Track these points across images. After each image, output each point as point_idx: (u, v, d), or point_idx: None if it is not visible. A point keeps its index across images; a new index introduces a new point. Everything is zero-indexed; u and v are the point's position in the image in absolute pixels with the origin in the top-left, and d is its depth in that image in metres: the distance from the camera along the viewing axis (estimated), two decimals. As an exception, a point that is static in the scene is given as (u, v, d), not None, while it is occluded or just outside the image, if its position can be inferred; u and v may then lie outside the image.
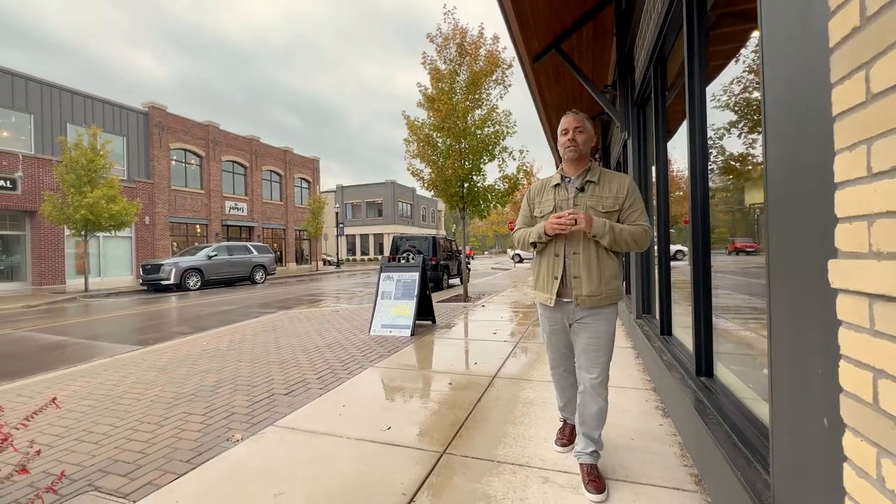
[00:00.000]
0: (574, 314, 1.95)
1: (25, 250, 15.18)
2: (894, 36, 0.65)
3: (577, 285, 1.90)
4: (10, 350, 5.67)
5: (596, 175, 1.97)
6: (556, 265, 1.96)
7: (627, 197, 1.92)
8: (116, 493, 1.99)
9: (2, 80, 14.56)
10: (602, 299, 1.90)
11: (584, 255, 1.90)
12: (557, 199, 2.00)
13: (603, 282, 1.89)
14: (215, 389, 3.45)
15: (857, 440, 0.78)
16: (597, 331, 1.93)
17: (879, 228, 0.70)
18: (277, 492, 1.94)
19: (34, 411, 1.68)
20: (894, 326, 0.67)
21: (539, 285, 2.06)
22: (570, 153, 1.97)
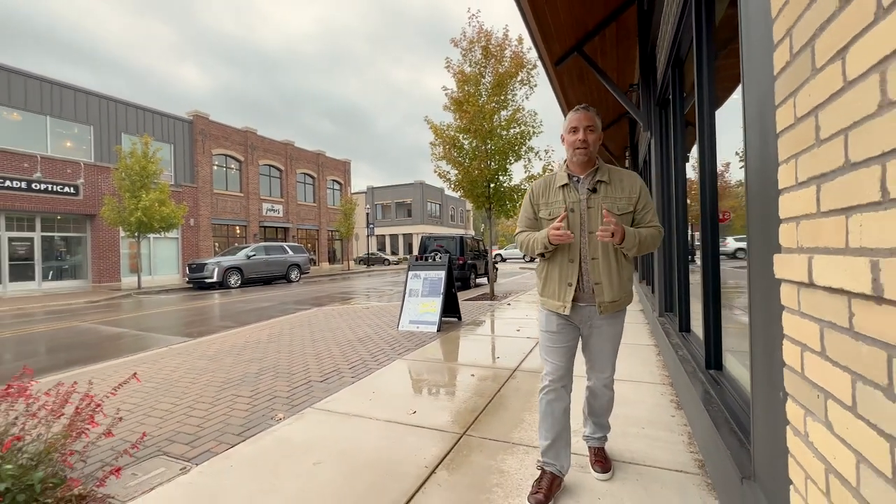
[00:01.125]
0: (589, 319, 1.87)
1: (86, 250, 16.53)
2: (807, 72, 0.81)
3: (598, 292, 1.81)
4: (80, 340, 6.32)
5: (606, 174, 1.85)
6: (571, 271, 1.83)
7: (641, 197, 1.84)
8: (181, 457, 2.32)
9: (66, 95, 15.94)
10: (621, 304, 1.86)
11: (605, 260, 1.80)
12: (568, 201, 1.84)
13: (622, 286, 1.83)
14: (259, 376, 3.80)
15: (793, 405, 0.94)
16: (613, 334, 1.91)
17: (802, 228, 0.85)
18: (316, 461, 2.21)
19: (119, 383, 2.02)
20: (811, 307, 0.83)
21: (548, 292, 1.91)
22: (579, 155, 1.80)
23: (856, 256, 0.65)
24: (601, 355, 1.95)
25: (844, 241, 0.69)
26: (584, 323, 1.90)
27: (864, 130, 0.63)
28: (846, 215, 0.68)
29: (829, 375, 0.77)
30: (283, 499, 1.89)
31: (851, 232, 0.67)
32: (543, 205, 1.93)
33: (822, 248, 0.76)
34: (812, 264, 0.78)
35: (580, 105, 1.87)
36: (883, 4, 0.57)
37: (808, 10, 0.79)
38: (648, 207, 1.85)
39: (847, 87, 0.67)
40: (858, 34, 0.63)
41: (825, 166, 0.75)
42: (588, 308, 1.86)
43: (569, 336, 1.92)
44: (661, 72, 4.09)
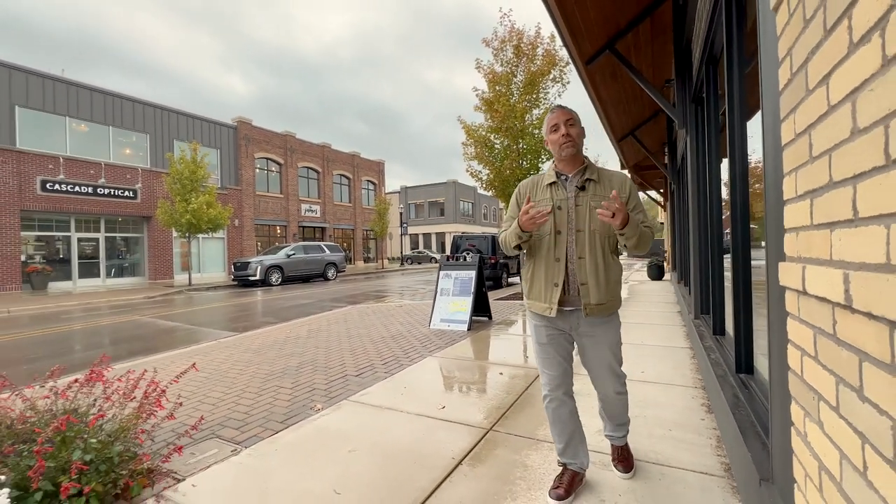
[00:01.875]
0: (578, 324, 1.81)
1: (143, 249, 17.84)
2: (803, 92, 0.86)
3: (584, 293, 1.75)
4: (141, 333, 6.91)
5: (595, 173, 1.82)
6: (557, 271, 1.78)
7: (631, 197, 1.80)
8: (232, 440, 2.56)
9: (126, 107, 17.25)
10: (609, 307, 1.79)
11: (591, 259, 1.75)
12: (556, 199, 1.81)
13: (609, 288, 1.77)
14: (299, 369, 4.05)
15: (795, 407, 0.98)
16: (609, 341, 1.84)
17: (800, 238, 0.90)
18: (351, 448, 2.38)
19: (180, 372, 2.26)
20: (807, 314, 0.88)
21: (534, 293, 1.87)
22: (567, 149, 1.78)
23: (835, 269, 0.70)
24: (600, 367, 1.87)
25: (829, 253, 0.74)
26: (574, 330, 1.83)
27: (842, 153, 0.69)
28: (830, 229, 0.73)
29: (820, 378, 0.81)
30: (322, 481, 2.06)
31: (833, 245, 0.72)
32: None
33: (814, 258, 0.81)
34: (805, 273, 0.83)
35: (555, 105, 1.92)
36: (853, 40, 0.63)
37: (803, 34, 0.83)
38: (639, 208, 1.80)
39: (830, 111, 0.72)
40: (837, 63, 0.69)
41: (816, 182, 0.80)
42: (576, 313, 1.79)
43: (560, 347, 1.87)
44: (696, 68, 3.99)
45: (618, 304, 1.85)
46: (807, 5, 0.80)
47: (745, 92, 2.34)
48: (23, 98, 14.41)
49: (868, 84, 0.59)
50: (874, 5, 0.56)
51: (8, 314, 9.59)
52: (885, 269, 0.55)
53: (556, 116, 1.83)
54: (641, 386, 3.31)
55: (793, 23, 0.90)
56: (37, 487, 1.63)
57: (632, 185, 1.83)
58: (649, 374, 3.61)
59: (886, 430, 0.57)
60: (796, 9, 0.86)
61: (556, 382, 1.88)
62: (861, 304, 0.61)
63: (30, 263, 14.58)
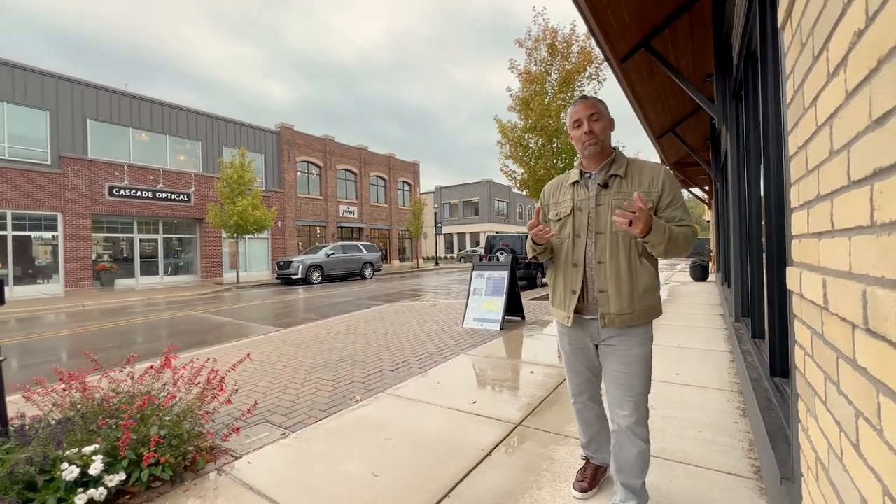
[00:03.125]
0: (599, 334, 1.64)
1: (196, 249, 19.10)
2: (801, 110, 0.92)
3: (602, 301, 1.58)
4: (196, 327, 7.49)
5: (622, 167, 1.62)
6: (575, 277, 1.64)
7: (665, 191, 1.56)
8: (280, 425, 2.80)
9: (181, 116, 18.54)
10: (634, 318, 1.57)
11: (613, 264, 1.57)
12: (576, 200, 1.66)
13: (636, 297, 1.56)
14: (339, 363, 4.31)
15: (801, 404, 1.04)
16: (627, 356, 1.59)
17: (801, 245, 0.96)
18: (388, 437, 2.56)
19: (237, 361, 2.53)
20: (806, 316, 0.94)
21: (556, 300, 1.75)
22: (590, 148, 1.61)
23: (819, 274, 0.77)
24: (617, 384, 1.63)
25: (818, 260, 0.81)
26: (597, 340, 1.68)
27: (824, 170, 0.76)
28: (819, 238, 0.80)
29: (816, 376, 0.88)
30: (360, 464, 2.25)
31: (821, 252, 0.79)
32: (553, 205, 1.77)
33: (808, 264, 0.88)
34: (802, 278, 0.90)
35: (578, 97, 1.73)
36: (829, 70, 0.70)
37: (801, 55, 0.90)
38: (676, 202, 1.56)
39: (818, 130, 0.79)
40: (821, 88, 0.76)
41: (810, 194, 0.86)
42: (595, 322, 1.63)
43: (583, 356, 1.76)
44: (735, 64, 3.89)
45: (652, 313, 1.61)
46: (803, 30, 0.87)
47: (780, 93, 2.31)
48: (93, 111, 15.83)
49: (839, 112, 0.67)
50: (841, 42, 0.64)
51: (83, 308, 10.62)
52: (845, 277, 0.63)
53: (579, 110, 1.63)
54: (676, 388, 3.29)
55: (794, 43, 0.96)
56: (123, 456, 1.90)
57: (667, 177, 1.58)
58: (685, 377, 3.57)
59: (851, 419, 0.65)
60: (796, 32, 0.93)
61: (580, 389, 1.84)
62: (834, 308, 0.69)
63: (99, 262, 16.01)
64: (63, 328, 7.78)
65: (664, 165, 1.57)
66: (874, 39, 0.53)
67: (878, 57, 0.51)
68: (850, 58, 0.61)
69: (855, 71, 0.59)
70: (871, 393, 0.57)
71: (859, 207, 0.59)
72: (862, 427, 0.60)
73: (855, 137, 0.60)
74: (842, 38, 0.64)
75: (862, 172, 0.58)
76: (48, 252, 14.70)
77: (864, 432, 0.60)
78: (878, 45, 0.51)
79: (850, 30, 0.60)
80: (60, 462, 1.80)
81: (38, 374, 4.49)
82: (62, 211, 14.57)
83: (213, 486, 2.09)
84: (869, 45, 0.54)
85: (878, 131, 0.52)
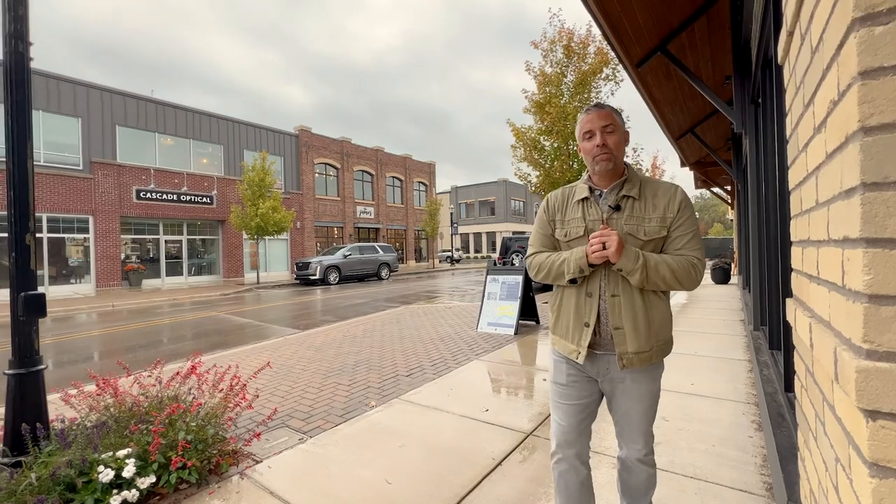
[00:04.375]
0: (609, 373, 1.49)
1: (219, 250, 19.64)
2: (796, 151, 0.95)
3: (619, 339, 1.42)
4: (219, 328, 7.74)
5: (636, 187, 1.47)
6: (590, 308, 1.46)
7: (678, 217, 1.43)
8: (299, 430, 2.91)
9: (203, 121, 19.08)
10: (652, 355, 1.44)
11: (627, 297, 1.42)
12: (588, 220, 1.49)
13: (653, 332, 1.43)
14: (355, 367, 4.41)
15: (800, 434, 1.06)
16: (638, 393, 1.48)
17: (796, 280, 0.98)
18: (401, 444, 2.63)
19: (258, 369, 2.64)
20: (799, 346, 0.96)
21: (560, 330, 1.56)
22: (602, 164, 1.44)
23: (807, 316, 0.80)
24: (629, 421, 1.52)
25: (808, 299, 0.84)
26: (602, 376, 1.51)
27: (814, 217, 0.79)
28: (809, 279, 0.83)
29: (809, 411, 0.90)
30: (375, 470, 2.33)
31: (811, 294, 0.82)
32: (560, 221, 1.58)
33: (801, 301, 0.90)
34: (797, 314, 0.93)
35: (591, 104, 1.51)
36: (815, 124, 0.73)
37: (794, 101, 0.93)
38: (686, 230, 1.42)
39: (809, 177, 0.82)
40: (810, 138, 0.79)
41: (803, 234, 0.89)
42: (607, 357, 1.47)
43: (582, 392, 1.54)
44: (754, 70, 3.83)
45: (665, 350, 1.49)
46: (797, 75, 0.90)
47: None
48: (122, 118, 16.45)
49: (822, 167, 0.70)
50: (822, 104, 0.67)
51: (112, 308, 11.08)
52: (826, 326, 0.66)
53: (592, 119, 1.46)
54: (690, 399, 3.28)
55: (791, 83, 0.98)
56: (154, 459, 2.03)
57: (684, 200, 1.45)
58: (700, 387, 3.54)
59: (833, 462, 0.68)
60: (792, 75, 0.95)
61: (569, 437, 1.54)
62: (818, 354, 0.72)
63: (127, 263, 16.63)
64: (95, 328, 8.14)
65: (680, 187, 1.48)
66: (842, 116, 0.56)
67: (845, 133, 0.55)
68: (828, 121, 0.64)
69: (832, 137, 0.62)
70: (845, 444, 0.60)
71: (835, 266, 0.62)
72: (840, 473, 0.64)
73: (832, 198, 0.63)
74: (822, 101, 0.67)
75: (837, 233, 0.61)
76: (80, 253, 15.36)
77: (841, 479, 0.63)
78: (845, 123, 0.55)
79: (828, 96, 0.63)
80: (97, 465, 1.93)
81: (73, 374, 4.75)
82: (93, 214, 15.19)
83: (237, 489, 2.20)
84: (840, 118, 0.58)
85: (847, 202, 0.55)
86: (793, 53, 0.94)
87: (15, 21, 1.99)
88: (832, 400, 0.67)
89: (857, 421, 0.54)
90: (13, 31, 1.99)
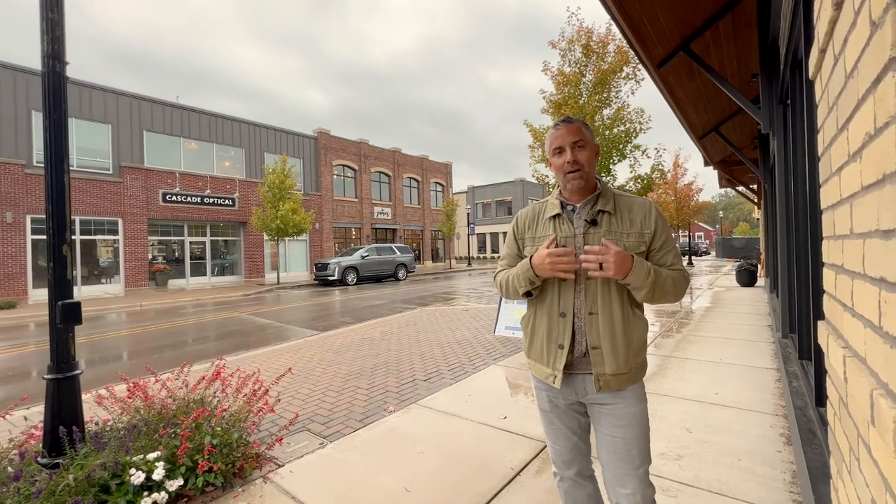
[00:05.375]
0: (586, 391, 1.41)
1: (240, 251, 20.11)
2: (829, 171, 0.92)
3: (597, 360, 1.36)
4: (241, 329, 7.93)
5: (610, 202, 1.43)
6: (562, 328, 1.40)
7: (657, 233, 1.39)
8: (319, 434, 2.96)
9: (226, 125, 19.56)
10: (630, 377, 1.39)
11: (605, 315, 1.36)
12: (560, 236, 1.44)
13: (631, 353, 1.37)
14: (374, 371, 4.46)
15: (832, 462, 1.02)
16: (624, 416, 1.38)
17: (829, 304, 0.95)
18: (420, 451, 2.65)
19: (279, 376, 2.69)
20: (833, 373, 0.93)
21: (534, 353, 1.50)
22: (574, 181, 1.40)
23: (840, 347, 0.78)
24: (613, 455, 1.38)
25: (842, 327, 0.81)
26: (582, 397, 1.43)
27: (847, 245, 0.76)
28: (843, 308, 0.80)
29: (843, 442, 0.87)
30: (394, 477, 2.35)
31: (844, 325, 0.79)
32: (529, 239, 1.53)
33: (834, 327, 0.88)
34: (829, 341, 0.90)
35: (560, 118, 1.46)
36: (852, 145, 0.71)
37: (826, 121, 0.90)
38: (668, 246, 1.40)
39: (842, 202, 0.79)
40: (844, 164, 0.76)
41: (836, 259, 0.86)
42: (583, 378, 1.41)
43: (566, 417, 1.48)
44: (782, 70, 3.70)
45: (642, 371, 1.44)
46: (830, 94, 0.87)
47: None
48: (149, 123, 17.01)
49: (856, 197, 0.68)
50: (857, 133, 0.65)
51: (140, 308, 11.47)
52: (861, 361, 0.64)
53: (561, 136, 1.41)
54: (714, 409, 3.19)
55: (823, 101, 0.95)
56: (182, 463, 2.09)
57: (658, 216, 1.42)
58: (725, 397, 3.45)
59: (868, 502, 0.66)
60: (825, 93, 0.92)
61: (565, 459, 1.51)
62: (852, 390, 0.70)
63: (154, 263, 17.18)
64: (124, 328, 8.45)
65: (651, 202, 1.47)
66: (880, 152, 0.54)
67: (883, 171, 0.53)
68: (864, 153, 0.62)
69: (868, 170, 0.60)
70: (882, 489, 0.58)
71: (871, 303, 0.60)
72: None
73: (868, 233, 0.61)
74: (858, 129, 0.65)
75: (873, 271, 0.59)
76: (110, 254, 15.95)
77: (877, 522, 0.61)
78: (883, 161, 0.53)
79: (863, 128, 0.61)
80: (129, 467, 2.00)
81: (105, 373, 4.95)
82: (122, 216, 15.76)
83: (260, 493, 2.25)
84: (877, 154, 0.56)
85: (884, 243, 0.54)
86: (825, 71, 0.91)
87: (52, 42, 2.09)
88: (868, 439, 0.65)
89: (895, 470, 0.52)
90: (51, 52, 2.08)
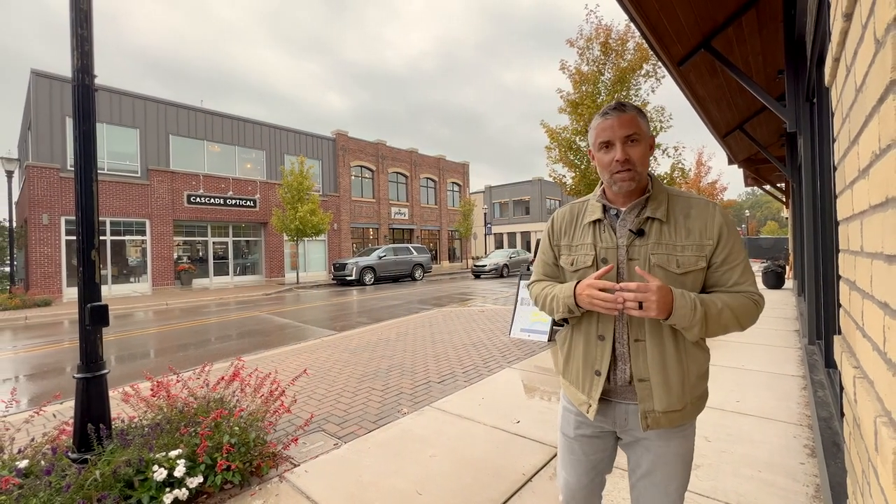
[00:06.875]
0: (627, 423, 1.23)
1: (261, 251, 20.56)
2: (843, 185, 0.89)
3: (644, 394, 1.16)
4: (261, 328, 8.12)
5: (661, 206, 1.17)
6: (600, 353, 1.21)
7: (721, 244, 1.13)
8: (334, 435, 3.01)
9: (248, 128, 20.03)
10: (685, 415, 1.17)
11: (655, 344, 1.15)
12: (600, 247, 1.22)
13: (687, 388, 1.16)
14: (388, 372, 4.50)
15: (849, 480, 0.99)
16: (667, 453, 1.20)
17: (844, 319, 0.92)
18: (432, 454, 2.67)
19: (295, 377, 2.75)
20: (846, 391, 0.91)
21: (570, 375, 1.32)
22: (622, 183, 1.16)
23: (852, 365, 0.76)
24: (648, 484, 1.23)
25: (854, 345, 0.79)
26: (621, 428, 1.25)
27: (859, 263, 0.74)
28: (855, 327, 0.78)
29: (857, 463, 0.85)
30: (406, 480, 2.38)
31: (856, 344, 0.77)
32: (566, 248, 1.32)
33: (847, 345, 0.85)
34: (842, 359, 0.87)
35: (610, 105, 1.18)
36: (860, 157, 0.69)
37: (841, 131, 0.87)
38: (733, 260, 1.13)
39: (853, 217, 0.77)
40: (855, 179, 0.74)
41: (849, 274, 0.84)
42: (625, 407, 1.22)
43: (593, 447, 1.30)
44: (808, 66, 3.57)
45: (700, 406, 1.22)
46: (843, 106, 0.85)
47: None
48: (174, 127, 17.56)
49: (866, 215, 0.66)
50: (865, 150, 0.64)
51: (166, 307, 11.86)
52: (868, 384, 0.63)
53: (610, 127, 1.15)
54: (735, 418, 3.11)
55: (838, 111, 0.93)
56: (202, 461, 2.17)
57: (724, 223, 1.14)
58: (747, 405, 3.35)
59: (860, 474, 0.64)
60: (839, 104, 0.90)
61: (577, 497, 1.34)
62: (861, 411, 0.68)
63: (179, 263, 17.74)
64: (151, 326, 8.76)
65: (718, 205, 1.15)
66: (883, 174, 0.53)
67: (886, 194, 0.52)
68: (871, 171, 0.61)
69: (874, 190, 0.59)
70: (888, 517, 0.56)
71: (877, 326, 0.58)
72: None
73: (875, 254, 0.59)
74: (866, 146, 0.63)
75: (879, 294, 0.57)
76: (138, 254, 16.55)
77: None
78: (885, 184, 0.52)
79: (870, 146, 0.60)
80: (152, 464, 2.09)
81: (132, 370, 5.14)
82: (150, 217, 16.32)
83: (276, 491, 2.31)
84: (882, 175, 0.54)
85: (888, 267, 0.52)
86: (839, 81, 0.89)
87: (82, 57, 2.19)
88: (875, 464, 0.63)
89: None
90: (81, 66, 2.18)
